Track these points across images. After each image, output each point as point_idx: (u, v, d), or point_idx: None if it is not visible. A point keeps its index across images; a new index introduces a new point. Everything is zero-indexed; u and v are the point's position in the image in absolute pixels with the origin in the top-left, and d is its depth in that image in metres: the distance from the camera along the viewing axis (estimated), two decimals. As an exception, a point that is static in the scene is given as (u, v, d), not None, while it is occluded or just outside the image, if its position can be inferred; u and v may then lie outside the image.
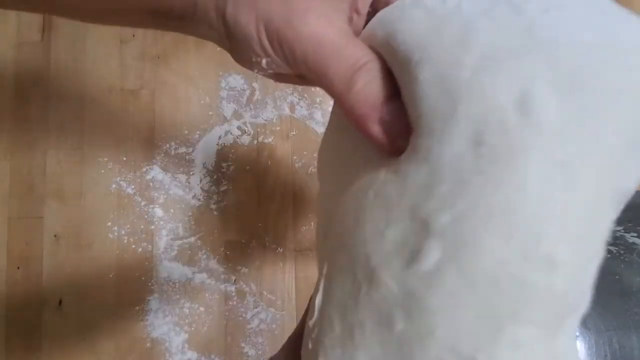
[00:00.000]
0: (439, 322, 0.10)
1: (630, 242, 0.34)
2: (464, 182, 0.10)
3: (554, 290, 0.11)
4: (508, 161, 0.10)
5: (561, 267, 0.10)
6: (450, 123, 0.10)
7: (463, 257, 0.10)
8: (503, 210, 0.10)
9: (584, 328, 0.41)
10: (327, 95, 0.44)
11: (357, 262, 0.12)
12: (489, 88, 0.10)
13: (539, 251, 0.10)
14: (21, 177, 0.39)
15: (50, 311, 0.37)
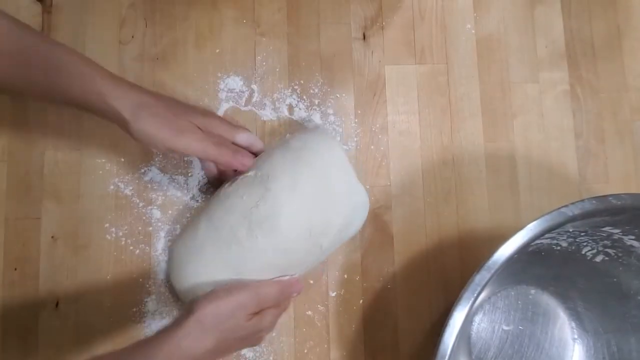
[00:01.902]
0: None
1: (628, 245, 0.34)
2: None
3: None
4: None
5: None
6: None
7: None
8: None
9: (582, 330, 0.41)
10: (325, 98, 0.44)
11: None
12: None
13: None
14: (19, 178, 0.39)
15: (47, 312, 0.37)
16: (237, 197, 0.32)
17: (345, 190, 0.33)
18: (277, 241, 0.31)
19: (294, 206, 0.31)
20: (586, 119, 0.44)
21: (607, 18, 0.46)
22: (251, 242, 0.31)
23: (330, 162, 0.33)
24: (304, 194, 0.32)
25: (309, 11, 0.43)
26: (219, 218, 0.33)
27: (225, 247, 0.32)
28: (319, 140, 0.34)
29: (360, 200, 0.34)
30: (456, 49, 0.44)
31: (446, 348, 0.26)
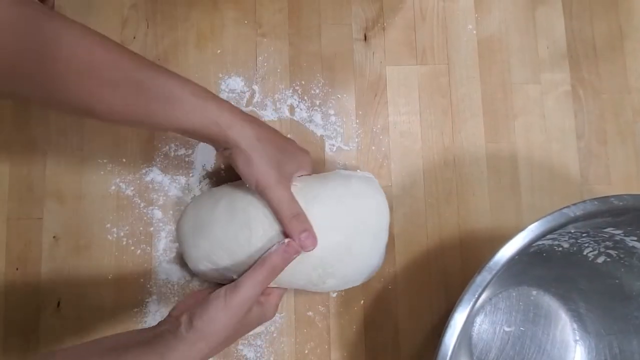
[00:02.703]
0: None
1: (630, 246, 0.34)
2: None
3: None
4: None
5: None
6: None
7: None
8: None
9: (583, 332, 0.41)
10: (326, 99, 0.44)
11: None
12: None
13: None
14: (21, 178, 0.39)
15: (49, 312, 0.37)
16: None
17: (370, 253, 0.34)
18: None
19: (323, 238, 0.31)
20: (588, 120, 0.44)
21: (608, 19, 0.46)
22: (261, 242, 0.31)
23: (375, 224, 0.34)
24: (339, 231, 0.32)
25: (310, 12, 0.43)
26: (242, 208, 0.32)
27: (235, 235, 0.32)
28: (372, 199, 0.34)
29: (376, 264, 0.35)
30: (457, 50, 0.44)
31: (447, 349, 0.26)
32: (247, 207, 0.32)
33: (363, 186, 0.35)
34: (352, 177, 0.35)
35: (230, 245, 0.32)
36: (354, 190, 0.34)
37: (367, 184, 0.35)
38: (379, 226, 0.34)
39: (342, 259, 0.33)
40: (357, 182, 0.34)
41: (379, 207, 0.34)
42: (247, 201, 0.32)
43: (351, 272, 0.34)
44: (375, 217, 0.34)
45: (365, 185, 0.35)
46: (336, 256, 0.32)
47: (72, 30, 0.25)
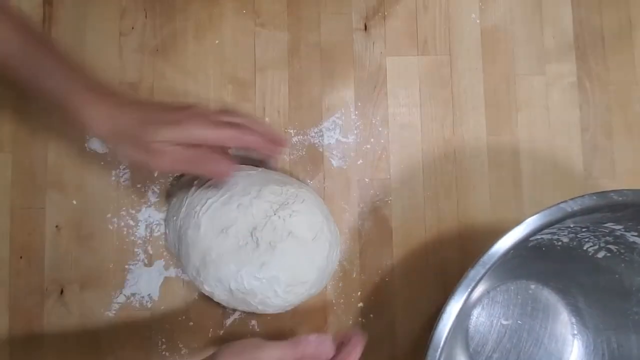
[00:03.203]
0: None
1: (630, 241, 0.33)
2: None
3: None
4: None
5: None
6: None
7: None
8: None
9: (582, 326, 0.40)
10: (325, 89, 0.42)
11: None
12: None
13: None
14: (23, 168, 0.39)
15: (52, 300, 0.38)
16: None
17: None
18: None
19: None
20: (593, 113, 0.43)
21: (618, 8, 0.44)
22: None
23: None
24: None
25: (309, 1, 0.42)
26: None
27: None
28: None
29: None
30: (460, 40, 0.43)
31: (439, 341, 0.26)
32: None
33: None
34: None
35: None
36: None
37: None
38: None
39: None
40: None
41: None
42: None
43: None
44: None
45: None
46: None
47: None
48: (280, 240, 0.33)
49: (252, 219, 0.33)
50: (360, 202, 0.41)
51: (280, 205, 0.33)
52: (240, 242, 0.33)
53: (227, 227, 0.33)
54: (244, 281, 0.32)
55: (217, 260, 0.33)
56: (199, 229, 0.33)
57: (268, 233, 0.33)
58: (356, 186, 0.41)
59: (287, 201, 0.34)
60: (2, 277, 0.38)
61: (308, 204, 0.34)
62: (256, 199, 0.33)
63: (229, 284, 0.33)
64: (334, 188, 0.41)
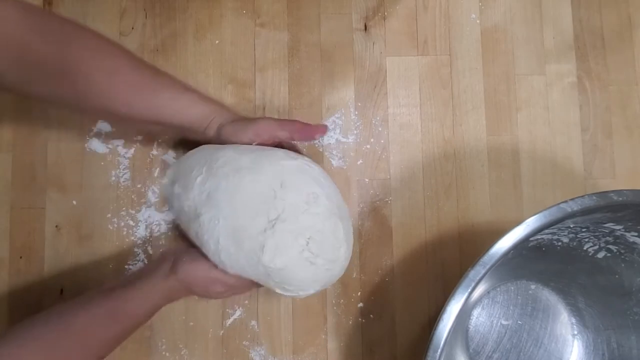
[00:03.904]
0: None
1: (630, 241, 0.33)
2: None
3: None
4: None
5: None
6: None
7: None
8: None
9: (582, 326, 0.40)
10: (325, 90, 0.42)
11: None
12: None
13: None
14: (23, 168, 0.39)
15: (52, 300, 0.38)
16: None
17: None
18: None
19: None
20: (593, 113, 0.43)
21: (618, 8, 0.44)
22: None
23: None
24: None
25: (309, 1, 0.42)
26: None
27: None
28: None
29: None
30: (460, 40, 0.43)
31: (439, 341, 0.26)
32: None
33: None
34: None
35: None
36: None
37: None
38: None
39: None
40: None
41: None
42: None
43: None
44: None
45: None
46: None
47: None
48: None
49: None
50: (360, 202, 0.41)
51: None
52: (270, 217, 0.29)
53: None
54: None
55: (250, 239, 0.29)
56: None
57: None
58: (356, 186, 0.41)
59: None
60: (2, 277, 0.38)
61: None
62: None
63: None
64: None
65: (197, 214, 0.30)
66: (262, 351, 0.39)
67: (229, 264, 0.30)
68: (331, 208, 0.30)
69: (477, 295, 0.40)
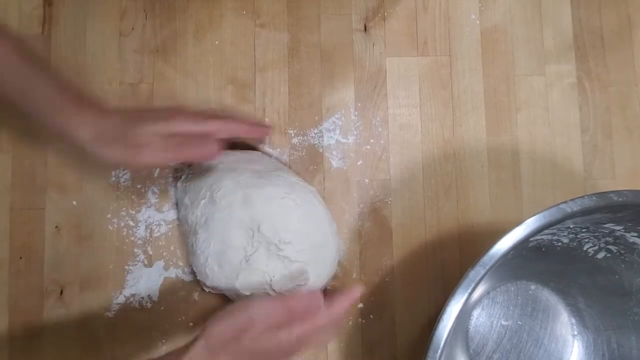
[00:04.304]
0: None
1: (630, 242, 0.33)
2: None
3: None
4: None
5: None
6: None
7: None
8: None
9: (582, 327, 0.40)
10: (325, 90, 0.42)
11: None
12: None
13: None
14: (23, 169, 0.39)
15: (52, 301, 0.38)
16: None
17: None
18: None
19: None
20: (593, 113, 0.43)
21: (617, 8, 0.44)
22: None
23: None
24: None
25: (309, 2, 0.42)
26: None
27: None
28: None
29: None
30: (460, 41, 0.43)
31: (439, 341, 0.26)
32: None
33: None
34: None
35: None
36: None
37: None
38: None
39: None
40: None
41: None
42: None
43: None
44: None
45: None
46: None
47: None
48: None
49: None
50: (360, 203, 0.41)
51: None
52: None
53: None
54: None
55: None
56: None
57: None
58: (356, 187, 0.41)
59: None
60: (2, 277, 0.38)
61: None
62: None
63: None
64: (334, 189, 0.41)
65: (196, 231, 0.36)
66: (262, 352, 0.39)
67: (210, 278, 0.35)
68: (301, 254, 0.34)
69: (477, 296, 0.40)
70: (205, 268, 0.35)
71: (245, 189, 0.34)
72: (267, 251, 0.34)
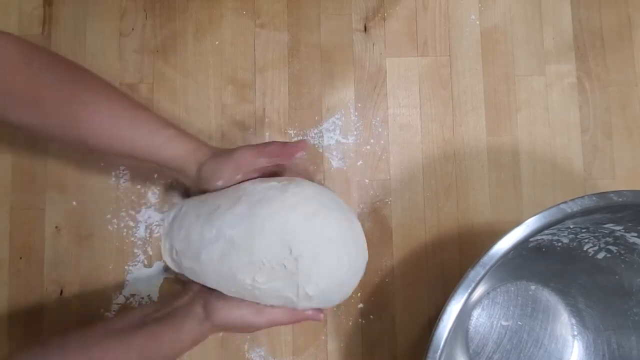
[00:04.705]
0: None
1: (630, 242, 0.33)
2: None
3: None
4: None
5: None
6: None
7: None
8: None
9: (582, 327, 0.40)
10: (325, 90, 0.42)
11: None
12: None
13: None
14: (23, 169, 0.39)
15: (52, 300, 0.38)
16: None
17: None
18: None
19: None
20: (593, 113, 0.43)
21: (617, 8, 0.44)
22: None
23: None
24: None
25: (309, 1, 0.42)
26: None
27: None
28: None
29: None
30: (460, 41, 0.43)
31: (439, 342, 0.26)
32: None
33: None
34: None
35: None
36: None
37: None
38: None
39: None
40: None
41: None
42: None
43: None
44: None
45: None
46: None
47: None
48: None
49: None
50: (360, 203, 0.41)
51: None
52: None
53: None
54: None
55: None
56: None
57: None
58: (356, 187, 0.41)
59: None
60: (2, 277, 0.38)
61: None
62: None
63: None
64: (334, 189, 0.41)
65: (198, 253, 0.32)
66: (262, 352, 0.39)
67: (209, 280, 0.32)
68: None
69: (477, 296, 0.40)
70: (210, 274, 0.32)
71: (245, 222, 0.31)
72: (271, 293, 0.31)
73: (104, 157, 0.39)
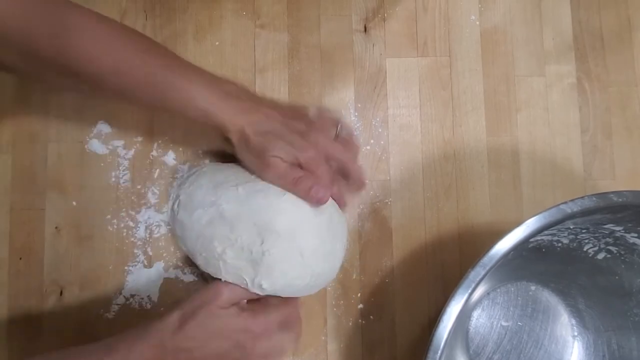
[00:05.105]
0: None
1: (630, 242, 0.33)
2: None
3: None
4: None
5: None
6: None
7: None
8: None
9: (582, 328, 0.40)
10: (325, 91, 0.42)
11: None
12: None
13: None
14: (23, 169, 0.39)
15: (52, 301, 0.38)
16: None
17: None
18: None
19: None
20: (593, 114, 0.43)
21: (617, 9, 0.44)
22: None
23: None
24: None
25: (309, 3, 0.42)
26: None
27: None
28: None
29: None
30: (460, 41, 0.43)
31: (439, 342, 0.26)
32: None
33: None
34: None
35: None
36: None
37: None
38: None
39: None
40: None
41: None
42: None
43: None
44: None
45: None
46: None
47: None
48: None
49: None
50: (360, 203, 0.41)
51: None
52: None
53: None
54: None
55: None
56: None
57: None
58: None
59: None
60: (1, 278, 0.38)
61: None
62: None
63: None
64: (334, 189, 0.41)
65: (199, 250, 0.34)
66: (262, 352, 0.39)
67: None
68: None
69: (477, 297, 0.40)
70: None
71: (247, 221, 0.32)
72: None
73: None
